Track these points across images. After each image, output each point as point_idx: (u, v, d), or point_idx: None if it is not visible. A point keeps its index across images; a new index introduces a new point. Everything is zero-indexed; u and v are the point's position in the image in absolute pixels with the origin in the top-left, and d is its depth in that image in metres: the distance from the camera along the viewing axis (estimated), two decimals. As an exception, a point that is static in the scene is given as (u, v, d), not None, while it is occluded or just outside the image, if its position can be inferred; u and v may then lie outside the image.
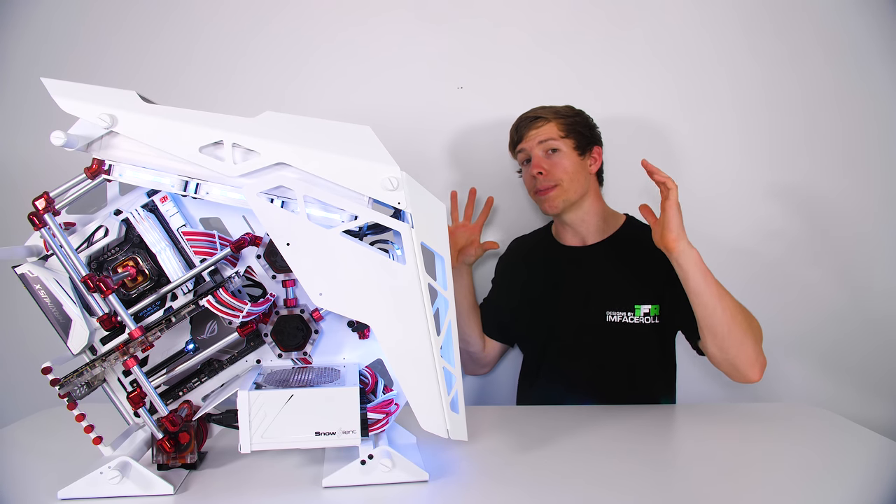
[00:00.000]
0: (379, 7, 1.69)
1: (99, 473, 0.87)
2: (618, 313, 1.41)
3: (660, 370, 1.44)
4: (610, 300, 1.42)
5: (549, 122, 1.45)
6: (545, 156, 1.45)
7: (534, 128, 1.46)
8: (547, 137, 1.44)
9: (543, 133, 1.45)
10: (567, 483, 0.93)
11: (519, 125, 1.49)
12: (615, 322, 1.41)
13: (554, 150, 1.44)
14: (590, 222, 1.49)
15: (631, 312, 1.40)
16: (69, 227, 0.94)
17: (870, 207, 1.70)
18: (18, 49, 1.67)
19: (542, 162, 1.45)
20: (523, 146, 1.48)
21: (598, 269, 1.45)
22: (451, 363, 0.92)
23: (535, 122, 1.46)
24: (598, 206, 1.50)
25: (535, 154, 1.45)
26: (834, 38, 1.68)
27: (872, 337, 1.71)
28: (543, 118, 1.46)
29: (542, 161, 1.45)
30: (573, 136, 1.45)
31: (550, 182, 1.43)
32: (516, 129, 1.50)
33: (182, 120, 0.87)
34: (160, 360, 0.99)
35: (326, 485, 0.90)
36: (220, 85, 1.70)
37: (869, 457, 1.04)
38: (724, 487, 0.92)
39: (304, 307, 0.97)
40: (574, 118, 1.47)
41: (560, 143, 1.44)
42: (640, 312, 1.40)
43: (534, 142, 1.45)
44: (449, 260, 0.93)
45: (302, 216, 0.88)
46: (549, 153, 1.45)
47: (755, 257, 1.72)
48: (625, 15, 1.70)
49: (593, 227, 1.49)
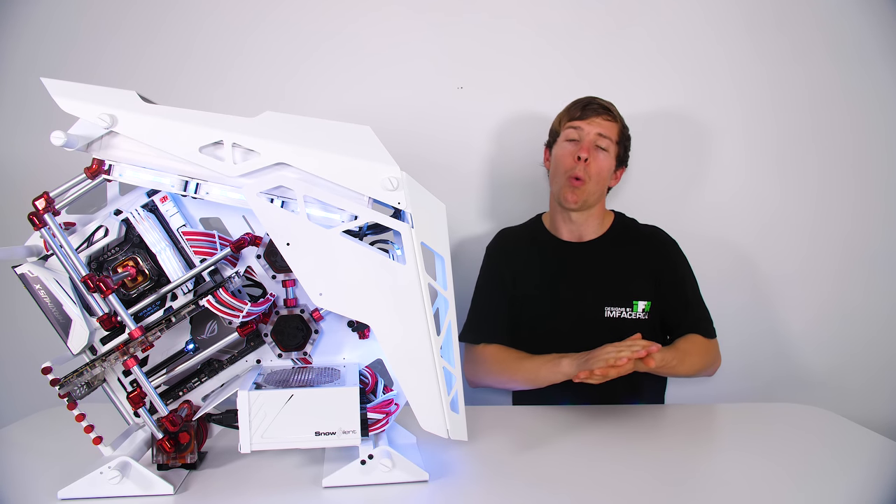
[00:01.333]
0: (379, 3, 1.69)
1: (99, 473, 0.87)
2: (616, 308, 1.42)
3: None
4: (609, 295, 1.43)
5: (615, 122, 1.46)
6: (594, 148, 1.44)
7: (602, 117, 1.45)
8: (607, 133, 1.44)
9: (608, 128, 1.45)
10: (566, 483, 0.93)
11: (587, 105, 1.46)
12: (614, 317, 1.43)
13: (603, 148, 1.44)
14: (591, 223, 1.51)
15: (629, 308, 1.42)
16: (69, 227, 0.94)
17: (875, 205, 1.70)
18: (18, 49, 1.67)
19: (592, 151, 1.44)
20: (582, 125, 1.45)
21: (597, 264, 1.47)
22: (451, 363, 0.92)
23: (605, 114, 1.45)
24: (601, 211, 1.53)
25: (589, 140, 1.44)
26: (837, 34, 1.68)
27: (873, 337, 1.71)
28: (613, 116, 1.46)
29: (591, 149, 1.44)
30: (620, 147, 1.48)
31: (585, 175, 1.43)
32: (583, 107, 1.46)
33: (182, 120, 0.87)
34: (160, 360, 0.99)
35: (326, 485, 0.90)
36: (219, 84, 1.69)
37: (869, 457, 1.04)
38: (724, 487, 0.92)
39: (304, 307, 0.97)
40: (627, 132, 1.50)
41: (612, 145, 1.45)
42: (637, 308, 1.42)
43: (594, 129, 1.44)
44: (449, 260, 0.92)
45: (302, 216, 0.88)
46: (598, 148, 1.44)
47: (759, 256, 1.72)
48: (627, 13, 1.69)
49: (592, 227, 1.51)
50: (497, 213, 1.74)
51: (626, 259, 1.46)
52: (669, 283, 1.43)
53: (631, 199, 1.68)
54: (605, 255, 1.48)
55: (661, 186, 1.72)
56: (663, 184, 1.73)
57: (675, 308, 1.43)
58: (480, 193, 1.74)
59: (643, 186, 1.71)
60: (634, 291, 1.43)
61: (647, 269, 1.44)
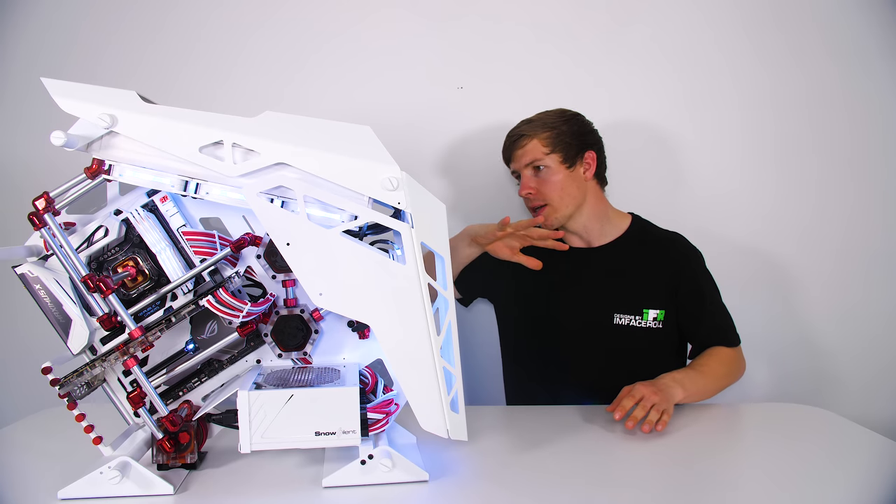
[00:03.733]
0: (378, 4, 1.69)
1: (99, 473, 0.87)
2: (626, 316, 1.39)
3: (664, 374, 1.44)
4: (618, 303, 1.39)
5: (531, 139, 1.41)
6: (534, 174, 1.42)
7: (518, 148, 1.43)
8: (532, 158, 1.41)
9: (528, 153, 1.41)
10: (566, 483, 0.93)
11: (506, 146, 1.47)
12: (622, 325, 1.39)
13: (539, 168, 1.41)
14: (592, 227, 1.46)
15: (639, 316, 1.38)
16: (69, 227, 0.94)
17: (874, 205, 1.70)
18: (18, 49, 1.67)
19: (529, 182, 1.42)
20: (513, 167, 1.47)
21: (607, 271, 1.42)
22: (451, 363, 0.92)
23: (519, 142, 1.43)
24: (599, 210, 1.47)
25: (524, 174, 1.43)
26: (837, 35, 1.68)
27: (873, 336, 1.71)
28: (526, 136, 1.42)
29: (529, 181, 1.42)
30: (559, 150, 1.40)
31: (541, 200, 1.41)
32: (505, 149, 1.48)
33: (182, 120, 0.87)
34: (160, 360, 0.99)
35: (326, 485, 0.90)
36: (219, 84, 1.70)
37: (869, 457, 1.04)
38: (725, 487, 0.92)
39: (304, 307, 0.97)
40: (560, 128, 1.41)
41: (546, 159, 1.40)
42: (648, 316, 1.38)
43: (521, 162, 1.43)
44: (449, 260, 0.92)
45: (302, 216, 0.88)
46: (536, 171, 1.42)
47: (758, 256, 1.72)
48: (627, 12, 1.69)
49: (597, 231, 1.46)
50: (497, 214, 1.74)
51: (638, 265, 1.41)
52: (687, 292, 1.38)
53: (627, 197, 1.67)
54: (615, 261, 1.43)
55: (658, 185, 1.72)
56: (661, 182, 1.72)
57: (693, 318, 1.38)
58: (481, 193, 1.74)
59: (641, 186, 1.71)
60: (645, 299, 1.39)
61: (661, 277, 1.39)
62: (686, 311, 1.38)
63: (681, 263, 1.41)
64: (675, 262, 1.40)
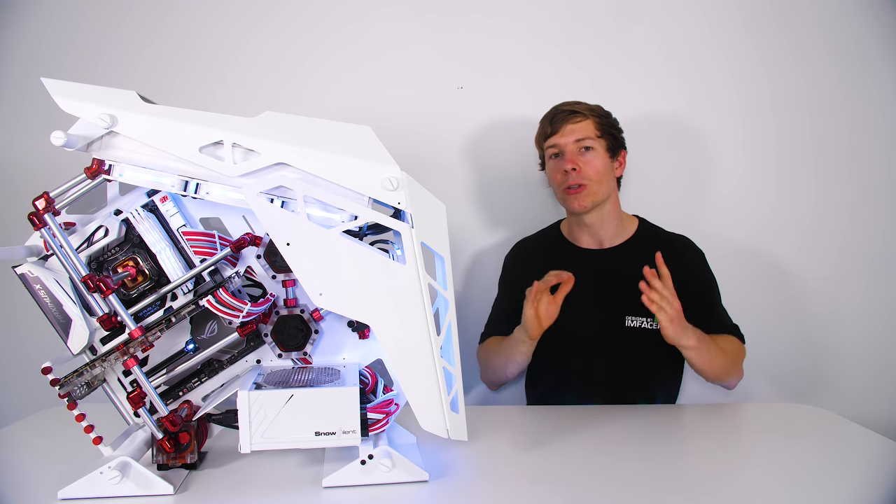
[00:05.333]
0: (378, 3, 1.69)
1: (99, 473, 0.86)
2: (637, 318, 1.39)
3: (672, 377, 1.44)
4: (630, 305, 1.38)
5: (586, 119, 1.42)
6: (579, 153, 1.42)
7: (571, 122, 1.42)
8: (584, 135, 1.41)
9: (581, 130, 1.41)
10: (567, 483, 0.92)
11: (554, 117, 1.44)
12: (634, 327, 1.39)
13: (588, 148, 1.41)
14: (608, 225, 1.46)
15: (651, 318, 1.38)
16: (69, 227, 0.94)
17: (874, 205, 1.70)
18: (18, 49, 1.67)
19: (576, 159, 1.41)
20: (557, 140, 1.43)
21: (619, 272, 1.40)
22: (451, 363, 0.92)
23: (573, 117, 1.42)
24: (617, 209, 1.48)
25: (570, 150, 1.42)
26: (837, 35, 1.68)
27: (873, 336, 1.71)
28: (581, 114, 1.42)
29: (576, 158, 1.41)
30: (607, 137, 1.43)
31: (581, 180, 1.40)
32: (550, 120, 1.45)
33: (182, 120, 0.87)
34: (160, 360, 0.98)
35: (326, 485, 0.90)
36: (219, 84, 1.70)
37: (869, 457, 1.04)
38: (725, 487, 0.92)
39: (304, 307, 0.97)
40: (608, 119, 1.45)
41: (595, 142, 1.41)
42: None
43: (570, 137, 1.41)
44: (449, 260, 0.92)
45: (302, 216, 0.88)
46: (582, 151, 1.42)
47: (758, 256, 1.72)
48: (627, 13, 1.69)
49: (611, 230, 1.47)
50: (497, 213, 1.74)
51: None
52: (695, 292, 1.37)
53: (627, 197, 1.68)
54: (627, 263, 1.41)
55: (659, 185, 1.72)
56: (662, 183, 1.72)
57: (702, 314, 1.37)
58: (481, 193, 1.74)
59: (641, 186, 1.71)
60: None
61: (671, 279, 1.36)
62: (695, 310, 1.35)
63: (691, 263, 1.42)
64: (684, 261, 1.40)
